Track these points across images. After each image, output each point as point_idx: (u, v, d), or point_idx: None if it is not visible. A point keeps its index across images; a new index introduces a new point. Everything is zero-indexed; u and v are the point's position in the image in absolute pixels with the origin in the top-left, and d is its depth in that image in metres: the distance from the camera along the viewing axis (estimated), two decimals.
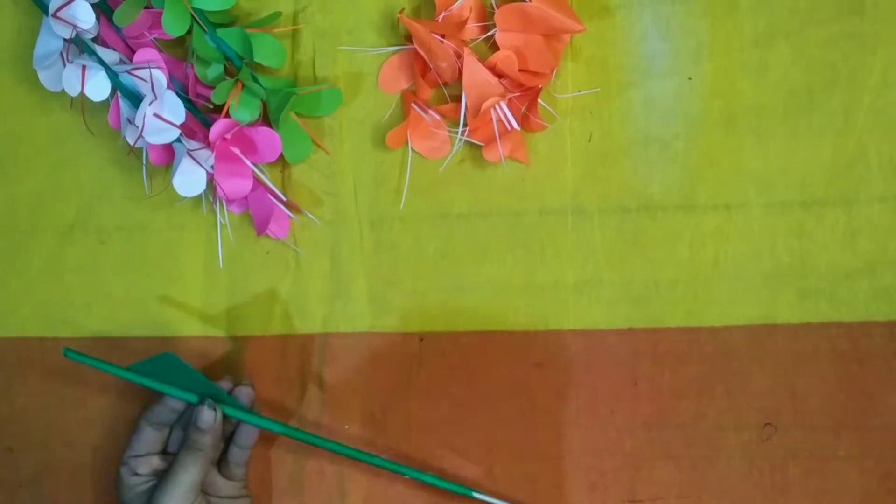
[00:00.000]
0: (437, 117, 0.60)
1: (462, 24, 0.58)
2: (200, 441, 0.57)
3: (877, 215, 0.59)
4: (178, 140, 0.58)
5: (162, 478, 0.57)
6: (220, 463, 0.60)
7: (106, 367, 0.57)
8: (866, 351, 0.59)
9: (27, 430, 0.64)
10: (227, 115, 0.59)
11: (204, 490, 0.58)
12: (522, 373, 0.61)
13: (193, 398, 0.57)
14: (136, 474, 0.58)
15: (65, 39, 0.58)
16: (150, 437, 0.58)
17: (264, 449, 0.62)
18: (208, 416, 0.56)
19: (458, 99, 0.59)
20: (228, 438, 0.60)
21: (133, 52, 0.59)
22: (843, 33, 0.59)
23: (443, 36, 0.57)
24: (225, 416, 0.58)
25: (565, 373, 0.60)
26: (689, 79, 0.60)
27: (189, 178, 0.58)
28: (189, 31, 0.58)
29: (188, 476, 0.56)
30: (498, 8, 0.57)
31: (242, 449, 0.59)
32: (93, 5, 0.57)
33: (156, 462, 0.59)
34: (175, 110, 0.57)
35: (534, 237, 0.61)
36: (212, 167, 0.58)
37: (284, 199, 0.61)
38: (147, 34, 0.60)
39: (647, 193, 0.60)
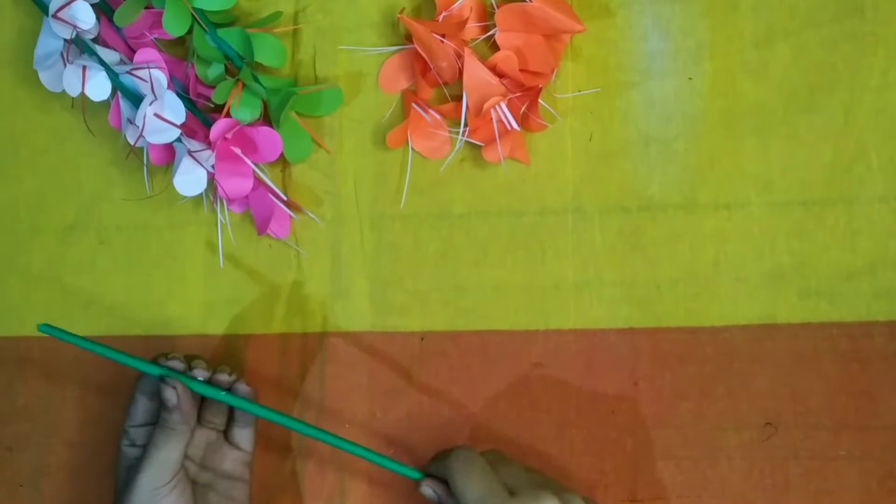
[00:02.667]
0: (438, 117, 0.60)
1: (462, 24, 0.58)
2: (169, 419, 0.56)
3: (877, 215, 0.59)
4: (179, 140, 0.58)
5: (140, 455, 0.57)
6: (227, 433, 0.60)
7: (81, 343, 0.57)
8: (867, 351, 0.59)
9: (27, 430, 0.64)
10: (228, 115, 0.59)
11: (203, 463, 0.59)
12: (522, 373, 0.61)
13: (156, 371, 0.57)
14: (134, 445, 0.58)
15: (65, 40, 0.58)
16: (144, 407, 0.59)
17: (264, 450, 0.62)
18: (169, 394, 0.56)
19: (458, 99, 0.59)
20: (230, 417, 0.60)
21: (133, 52, 0.59)
22: (843, 34, 0.59)
23: (443, 36, 0.57)
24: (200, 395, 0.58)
25: (565, 373, 0.60)
26: (690, 79, 0.60)
27: (189, 178, 0.58)
28: (189, 31, 0.58)
29: (160, 454, 0.56)
30: (498, 8, 0.57)
31: (242, 428, 0.59)
32: (93, 5, 0.57)
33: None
34: (175, 110, 0.57)
35: (534, 237, 0.61)
36: (212, 167, 0.58)
37: (285, 198, 0.61)
38: (147, 34, 0.60)
39: (647, 193, 0.60)
